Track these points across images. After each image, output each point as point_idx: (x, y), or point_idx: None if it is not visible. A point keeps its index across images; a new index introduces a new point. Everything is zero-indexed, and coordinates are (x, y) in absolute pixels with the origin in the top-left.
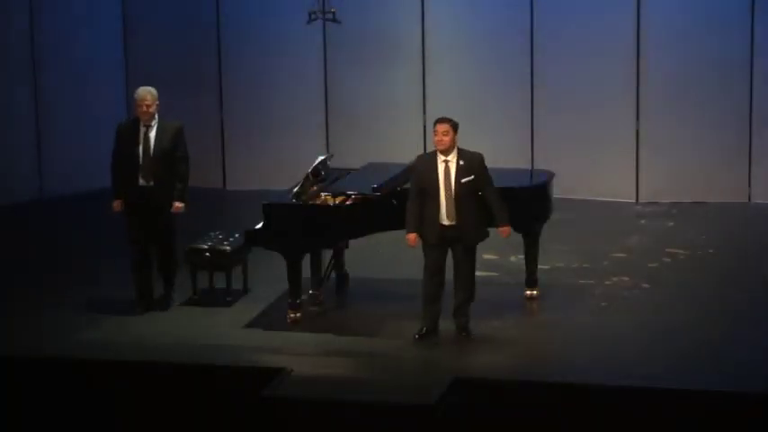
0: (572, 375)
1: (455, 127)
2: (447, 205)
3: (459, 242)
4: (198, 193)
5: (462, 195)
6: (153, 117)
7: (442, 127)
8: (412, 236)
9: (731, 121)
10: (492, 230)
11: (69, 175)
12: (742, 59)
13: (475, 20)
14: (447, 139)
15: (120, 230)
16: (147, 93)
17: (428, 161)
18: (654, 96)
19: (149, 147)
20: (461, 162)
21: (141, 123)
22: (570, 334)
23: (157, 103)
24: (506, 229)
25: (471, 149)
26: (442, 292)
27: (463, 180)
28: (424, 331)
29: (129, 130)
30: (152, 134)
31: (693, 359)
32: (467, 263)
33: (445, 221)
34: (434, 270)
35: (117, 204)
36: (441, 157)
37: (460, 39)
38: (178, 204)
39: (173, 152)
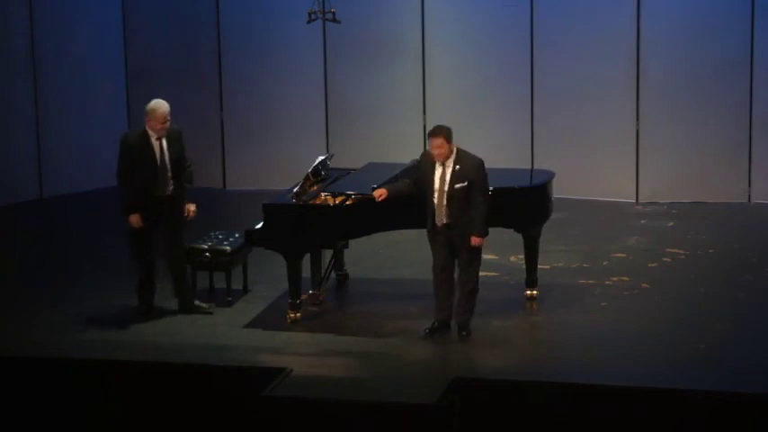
0: (572, 375)
1: (448, 136)
2: (439, 207)
3: (457, 243)
4: (198, 193)
5: (456, 199)
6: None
7: (436, 141)
8: (379, 191)
9: (731, 120)
10: (492, 231)
11: (69, 175)
12: (742, 59)
13: (475, 20)
14: (442, 151)
15: (119, 230)
16: (167, 108)
17: (428, 161)
18: (654, 96)
19: (165, 157)
20: (458, 167)
21: (154, 136)
22: (570, 334)
23: None
24: (477, 240)
25: (473, 152)
26: (451, 289)
27: (456, 186)
28: (435, 326)
29: (142, 143)
30: (164, 145)
31: (693, 359)
32: (468, 260)
33: (442, 221)
34: (438, 268)
35: (136, 219)
36: (439, 160)
37: (461, 39)
38: (192, 207)
39: (182, 158)
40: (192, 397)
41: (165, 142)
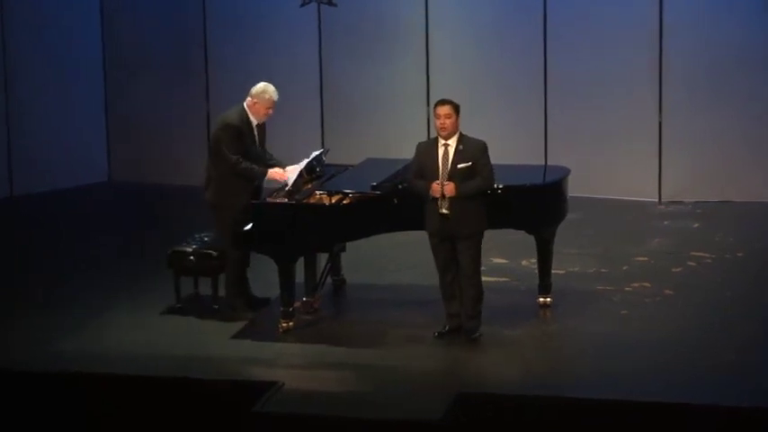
0: (588, 390)
1: (457, 109)
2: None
3: (456, 234)
4: (184, 191)
5: (459, 182)
6: None
7: (444, 109)
8: (450, 184)
9: (761, 114)
10: (502, 233)
11: (42, 172)
12: None
13: (482, 3)
14: (449, 122)
15: (96, 231)
16: (277, 94)
17: (428, 146)
18: (678, 87)
19: (258, 145)
20: (461, 147)
21: (254, 121)
22: (586, 345)
23: None
24: (450, 186)
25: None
26: (459, 289)
27: (459, 165)
28: (445, 329)
29: (245, 127)
30: (258, 132)
31: (721, 372)
32: (468, 258)
33: (442, 209)
34: (443, 268)
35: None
36: (441, 142)
37: (467, 24)
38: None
39: (264, 149)
40: (175, 413)
41: (258, 128)
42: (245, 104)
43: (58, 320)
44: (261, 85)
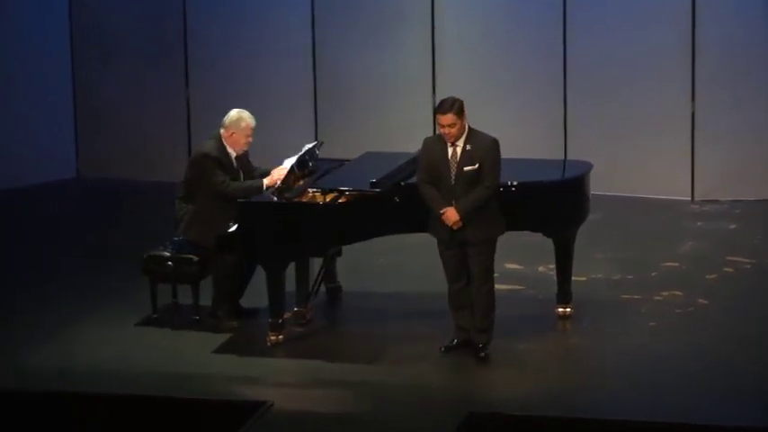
0: (612, 410)
1: (461, 112)
2: (450, 196)
3: (466, 240)
4: (160, 188)
5: (463, 184)
6: None
7: (446, 119)
8: (449, 211)
9: None
10: (517, 235)
11: (5, 168)
12: None
13: None
14: (454, 131)
15: (64, 231)
16: (254, 120)
17: (436, 143)
18: (713, 75)
19: (241, 178)
20: (468, 147)
21: (233, 153)
22: (610, 360)
23: None
24: (452, 213)
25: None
26: (469, 300)
27: (466, 168)
28: (453, 343)
29: (225, 160)
30: (239, 163)
31: (759, 391)
32: (479, 265)
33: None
34: (452, 277)
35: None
36: (450, 141)
37: (477, 3)
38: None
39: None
40: None
41: (238, 160)
42: (221, 135)
43: (20, 332)
44: (234, 114)
